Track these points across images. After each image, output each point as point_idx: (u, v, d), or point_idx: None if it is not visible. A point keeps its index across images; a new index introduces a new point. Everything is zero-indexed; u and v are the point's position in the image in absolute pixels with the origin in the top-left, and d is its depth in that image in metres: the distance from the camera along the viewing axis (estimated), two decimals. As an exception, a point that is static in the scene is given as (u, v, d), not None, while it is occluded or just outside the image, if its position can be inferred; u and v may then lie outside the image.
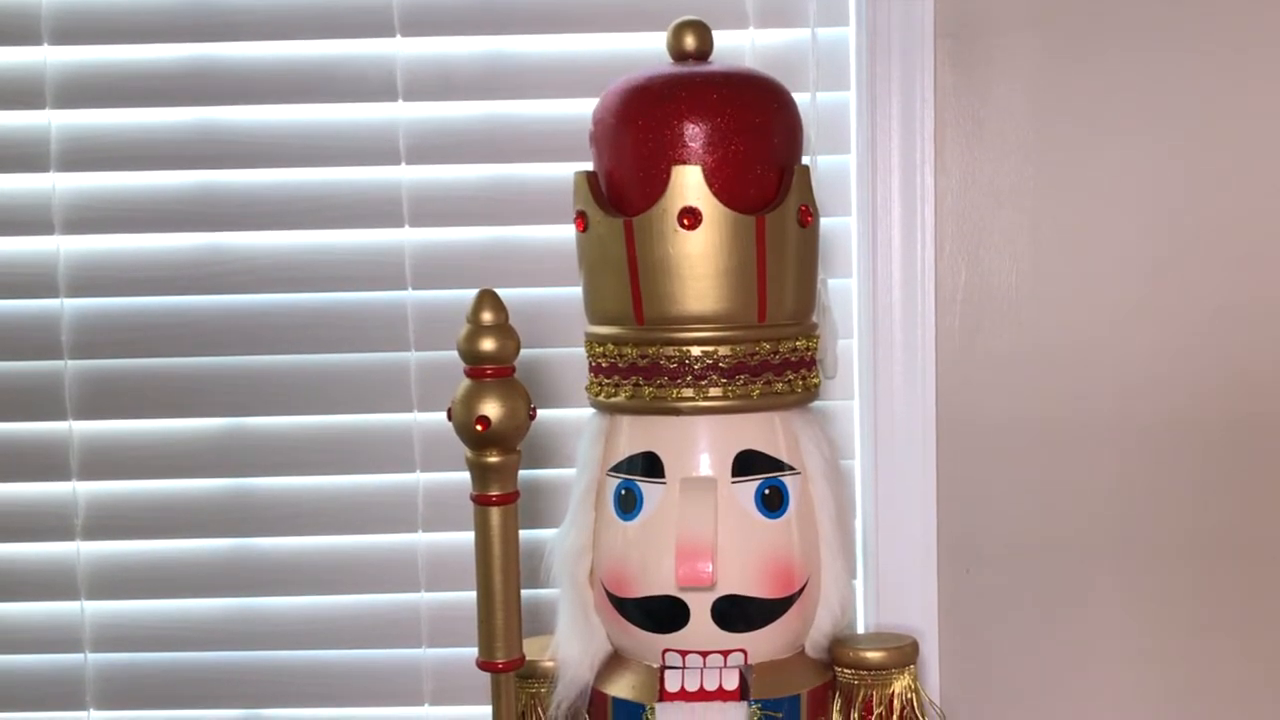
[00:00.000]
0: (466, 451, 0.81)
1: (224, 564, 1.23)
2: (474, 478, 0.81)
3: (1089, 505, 1.18)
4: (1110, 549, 1.18)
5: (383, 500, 1.21)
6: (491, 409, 0.79)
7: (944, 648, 1.19)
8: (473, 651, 0.83)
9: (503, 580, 0.82)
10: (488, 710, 0.85)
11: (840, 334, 1.15)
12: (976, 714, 1.20)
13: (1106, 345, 1.17)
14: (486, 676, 0.84)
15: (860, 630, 1.18)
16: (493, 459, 0.80)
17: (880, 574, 1.18)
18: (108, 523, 1.22)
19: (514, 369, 0.80)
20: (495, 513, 0.81)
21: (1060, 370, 1.17)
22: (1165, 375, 1.17)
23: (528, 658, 0.86)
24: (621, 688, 0.94)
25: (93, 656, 1.23)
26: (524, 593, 0.83)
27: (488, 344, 0.79)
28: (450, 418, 0.80)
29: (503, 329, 0.79)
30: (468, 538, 0.82)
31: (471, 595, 0.83)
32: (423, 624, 1.22)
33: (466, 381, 0.80)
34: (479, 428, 0.78)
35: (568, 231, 0.96)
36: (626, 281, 0.90)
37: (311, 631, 1.23)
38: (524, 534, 0.83)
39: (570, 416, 1.14)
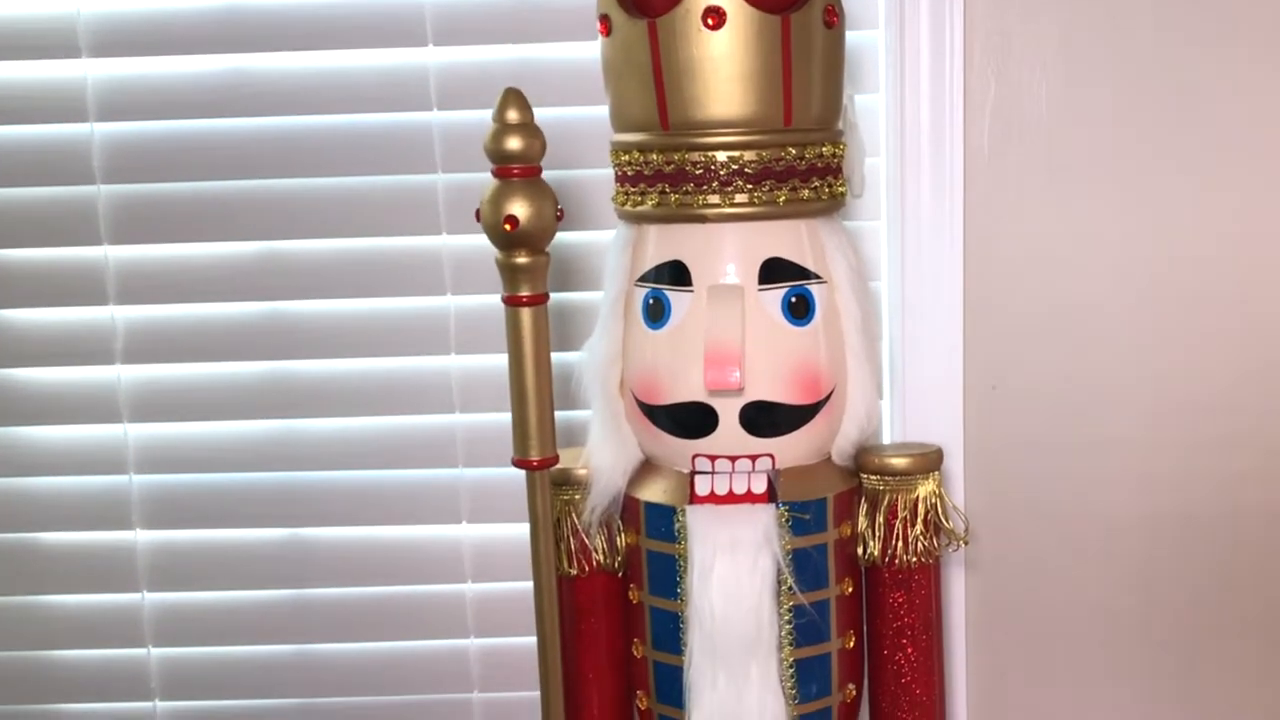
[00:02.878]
0: (496, 253, 0.82)
1: (261, 386, 1.24)
2: (504, 279, 0.82)
3: (1114, 326, 1.18)
4: (1134, 374, 1.19)
5: (414, 325, 1.23)
6: (519, 208, 0.79)
7: (969, 464, 1.20)
8: (509, 472, 0.85)
9: (535, 379, 0.83)
10: (525, 527, 0.87)
11: (867, 152, 1.14)
12: (1001, 528, 1.22)
13: (1139, 161, 1.15)
14: (523, 496, 0.86)
15: (886, 447, 1.19)
16: (521, 260, 0.81)
17: (907, 393, 1.19)
18: (146, 347, 1.24)
19: (540, 169, 0.80)
20: (526, 313, 0.82)
21: (1089, 189, 1.16)
22: (1199, 195, 1.15)
23: (562, 467, 0.88)
24: (653, 492, 0.96)
25: (137, 478, 1.26)
26: (555, 414, 0.85)
27: (514, 143, 0.79)
28: (479, 219, 0.81)
29: (528, 128, 0.80)
30: (501, 360, 0.83)
31: (507, 417, 0.84)
32: (458, 445, 1.24)
33: (494, 182, 0.80)
34: (507, 227, 0.79)
35: (595, 50, 0.95)
36: (651, 86, 0.89)
37: (349, 453, 1.25)
38: (554, 357, 0.84)
39: (599, 239, 1.15)
